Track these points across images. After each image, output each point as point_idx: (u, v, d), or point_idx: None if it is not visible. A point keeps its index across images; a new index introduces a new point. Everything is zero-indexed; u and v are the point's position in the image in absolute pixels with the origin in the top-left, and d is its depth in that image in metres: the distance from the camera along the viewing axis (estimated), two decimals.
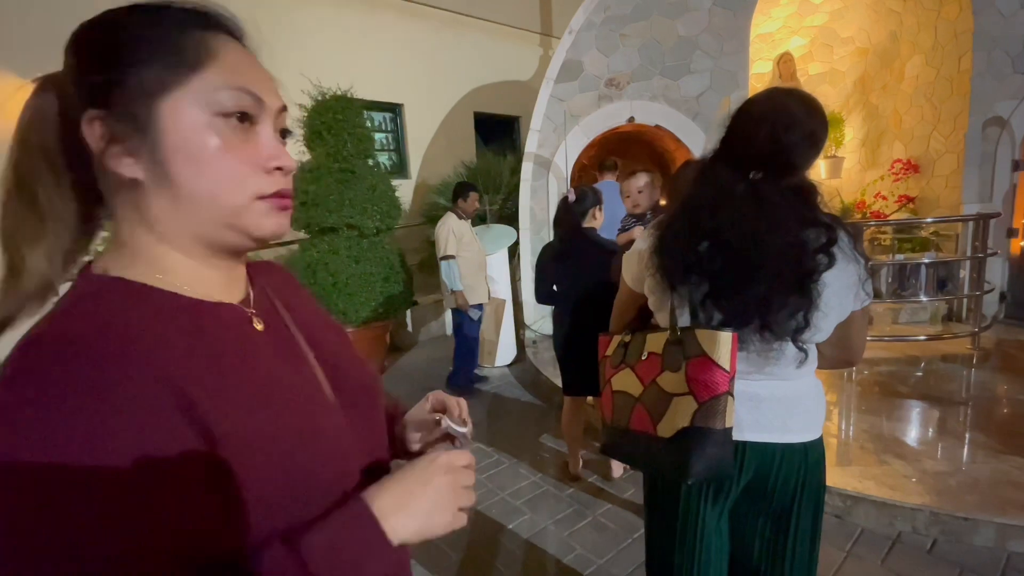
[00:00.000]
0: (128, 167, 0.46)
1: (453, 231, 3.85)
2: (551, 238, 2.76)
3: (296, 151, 4.31)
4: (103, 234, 0.54)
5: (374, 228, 4.36)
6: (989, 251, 3.83)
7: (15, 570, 0.36)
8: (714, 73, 4.84)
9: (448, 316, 5.15)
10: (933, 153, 5.04)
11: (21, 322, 0.47)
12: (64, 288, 0.48)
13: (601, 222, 2.56)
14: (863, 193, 5.75)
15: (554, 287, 2.57)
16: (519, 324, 4.98)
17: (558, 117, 4.88)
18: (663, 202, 2.67)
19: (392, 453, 0.74)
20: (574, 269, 2.48)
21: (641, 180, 2.65)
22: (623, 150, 5.39)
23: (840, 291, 0.99)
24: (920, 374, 3.68)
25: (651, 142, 5.52)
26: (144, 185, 0.47)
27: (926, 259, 4.19)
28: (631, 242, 1.78)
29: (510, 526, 2.38)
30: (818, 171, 6.00)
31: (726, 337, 0.94)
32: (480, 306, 4.00)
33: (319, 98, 4.25)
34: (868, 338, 1.16)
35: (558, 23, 7.40)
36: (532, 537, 2.30)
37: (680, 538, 1.10)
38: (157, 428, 0.40)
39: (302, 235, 4.43)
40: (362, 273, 4.20)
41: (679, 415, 0.97)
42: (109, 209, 0.50)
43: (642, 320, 1.21)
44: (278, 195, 0.51)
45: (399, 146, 6.30)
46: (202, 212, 0.48)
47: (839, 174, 6.04)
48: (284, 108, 0.54)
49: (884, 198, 5.45)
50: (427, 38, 6.25)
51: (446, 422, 0.67)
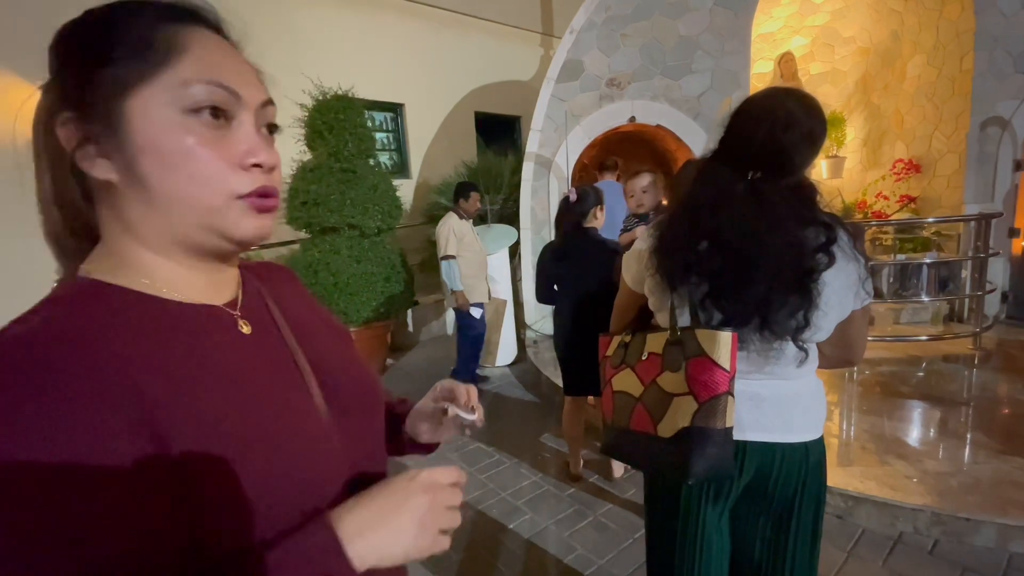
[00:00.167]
0: (101, 169, 0.45)
1: (454, 231, 3.85)
2: (552, 238, 2.76)
3: (297, 151, 4.32)
4: None
5: (375, 228, 4.37)
6: (991, 251, 3.83)
7: None
8: (715, 73, 4.83)
9: (449, 316, 5.15)
10: (935, 153, 5.03)
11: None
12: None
13: (602, 222, 2.56)
14: (864, 193, 5.75)
15: (555, 287, 2.57)
16: (520, 324, 4.98)
17: (559, 117, 4.88)
18: (666, 202, 2.68)
19: (400, 451, 0.73)
20: (575, 269, 2.47)
21: (645, 180, 2.66)
22: (624, 150, 5.39)
23: (840, 290, 0.99)
24: (921, 374, 3.67)
25: (652, 142, 5.52)
26: (118, 187, 0.46)
27: (928, 259, 4.19)
28: (634, 242, 1.78)
29: (511, 526, 2.38)
30: (819, 171, 5.99)
31: (726, 337, 0.94)
32: (481, 305, 4.00)
33: (320, 98, 4.26)
34: (869, 338, 1.16)
35: (559, 23, 7.40)
36: (533, 537, 2.30)
37: (681, 538, 1.09)
38: (106, 435, 0.38)
39: (303, 235, 4.45)
40: (363, 273, 4.21)
41: (679, 415, 0.97)
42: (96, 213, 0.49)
43: (642, 320, 1.21)
44: (259, 194, 0.48)
45: (400, 146, 6.31)
46: (177, 214, 0.46)
47: (840, 174, 6.03)
48: (268, 102, 0.51)
49: (886, 198, 5.44)
50: (428, 38, 6.26)
51: (453, 410, 0.65)
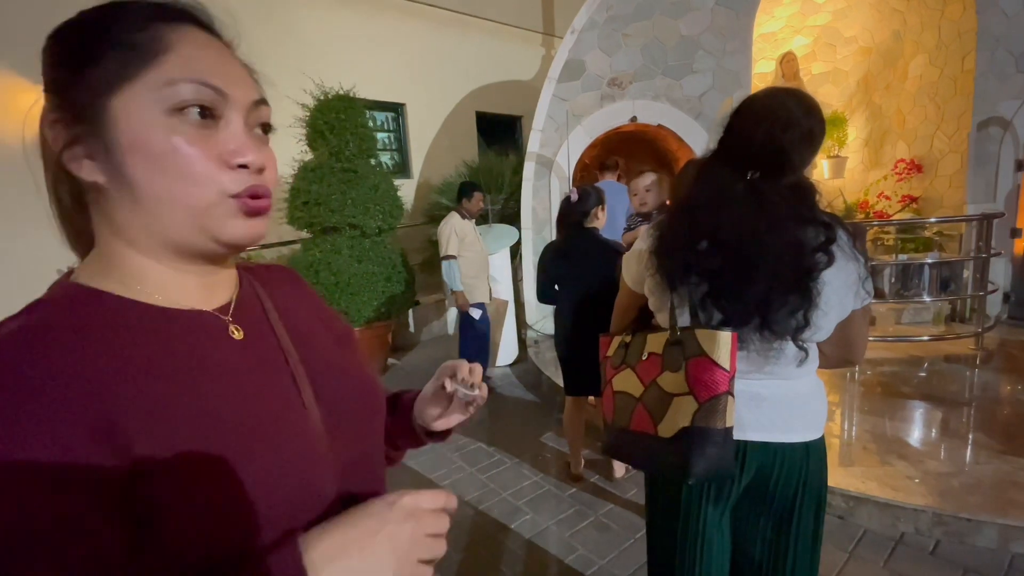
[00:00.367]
0: (88, 170, 0.45)
1: (456, 231, 3.84)
2: (553, 238, 2.76)
3: (299, 150, 4.32)
4: None
5: (376, 228, 4.37)
6: (992, 251, 3.82)
7: None
8: (717, 73, 4.83)
9: (450, 316, 5.15)
10: (936, 153, 5.02)
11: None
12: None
13: (604, 222, 2.56)
14: (866, 193, 5.73)
15: (556, 287, 2.57)
16: (521, 324, 4.98)
17: (560, 117, 4.88)
18: (669, 202, 2.68)
19: (417, 443, 0.72)
20: (576, 269, 2.47)
21: (648, 179, 2.67)
22: (625, 150, 5.39)
23: (840, 289, 0.99)
24: (923, 374, 3.66)
25: (653, 142, 5.51)
26: (107, 189, 0.45)
27: (929, 259, 4.18)
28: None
29: (512, 526, 2.38)
30: (821, 171, 5.98)
31: (726, 337, 0.94)
32: (481, 305, 4.00)
33: (321, 97, 4.26)
34: (870, 338, 1.16)
35: (560, 23, 7.41)
36: (534, 537, 2.30)
37: (681, 538, 1.09)
38: (63, 443, 0.37)
39: (304, 234, 4.45)
40: (364, 273, 4.21)
41: (680, 415, 0.97)
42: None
43: (643, 320, 1.21)
44: (248, 195, 0.47)
45: (401, 145, 6.31)
46: (164, 215, 0.45)
47: (842, 174, 6.01)
48: (261, 101, 0.50)
49: (887, 198, 5.43)
50: (429, 38, 6.26)
51: (451, 385, 0.62)
